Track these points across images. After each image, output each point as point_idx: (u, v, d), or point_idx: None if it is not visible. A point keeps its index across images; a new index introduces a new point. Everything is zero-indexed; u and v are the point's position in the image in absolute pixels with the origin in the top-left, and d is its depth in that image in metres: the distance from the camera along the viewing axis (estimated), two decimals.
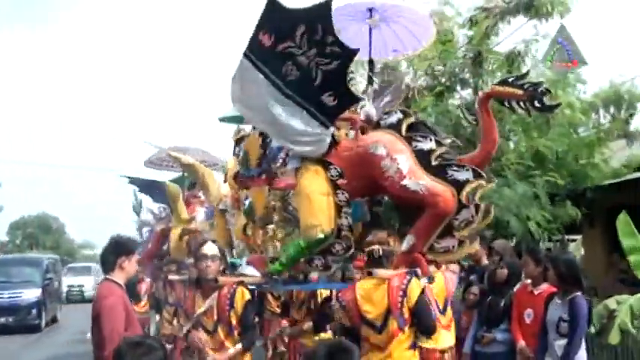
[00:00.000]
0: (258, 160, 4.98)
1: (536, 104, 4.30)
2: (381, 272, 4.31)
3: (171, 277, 8.25)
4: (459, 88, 9.70)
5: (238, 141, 5.77)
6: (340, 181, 4.59)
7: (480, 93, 4.99)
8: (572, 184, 9.24)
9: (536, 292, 5.44)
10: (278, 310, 7.22)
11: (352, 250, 4.68)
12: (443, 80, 9.43)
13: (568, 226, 9.28)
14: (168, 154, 8.16)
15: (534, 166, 8.81)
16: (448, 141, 4.75)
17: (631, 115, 10.00)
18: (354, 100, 4.64)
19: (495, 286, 5.95)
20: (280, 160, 5.00)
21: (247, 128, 7.92)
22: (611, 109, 10.03)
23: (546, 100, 4.29)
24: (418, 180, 4.38)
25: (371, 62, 5.35)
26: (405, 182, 4.37)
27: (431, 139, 4.59)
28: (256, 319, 6.04)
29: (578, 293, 5.02)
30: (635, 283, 7.39)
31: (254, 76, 4.35)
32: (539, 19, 9.00)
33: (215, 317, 4.82)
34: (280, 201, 5.03)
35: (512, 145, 9.32)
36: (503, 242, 6.73)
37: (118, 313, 4.20)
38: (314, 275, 4.90)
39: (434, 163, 4.51)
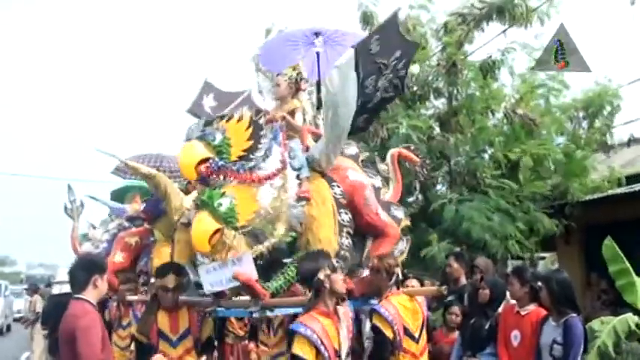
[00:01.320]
0: (245, 152, 4.38)
1: (424, 171, 6.00)
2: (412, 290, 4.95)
3: (131, 297, 7.65)
4: (432, 97, 9.45)
5: (208, 123, 4.90)
6: (343, 200, 4.85)
7: (392, 151, 5.79)
8: (552, 199, 9.13)
9: (523, 313, 5.17)
10: (242, 333, 6.76)
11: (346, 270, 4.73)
12: (415, 89, 9.15)
13: (541, 242, 9.10)
14: (126, 164, 7.57)
15: (509, 176, 8.67)
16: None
17: (608, 126, 9.80)
18: (367, 129, 5.36)
19: (478, 308, 5.65)
20: (278, 162, 4.54)
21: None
22: (586, 120, 9.79)
23: (428, 172, 6.19)
24: (385, 211, 5.14)
25: (319, 85, 5.61)
26: (379, 211, 5.05)
27: (380, 178, 5.41)
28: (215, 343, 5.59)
29: (574, 315, 4.81)
30: (618, 303, 7.27)
31: (350, 72, 4.27)
32: (516, 26, 8.85)
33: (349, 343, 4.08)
34: (288, 209, 4.51)
35: (487, 156, 9.14)
36: (485, 260, 6.51)
37: (94, 333, 3.99)
38: None
39: (382, 199, 5.26)
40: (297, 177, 4.65)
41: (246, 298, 4.50)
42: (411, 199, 9.99)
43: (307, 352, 3.70)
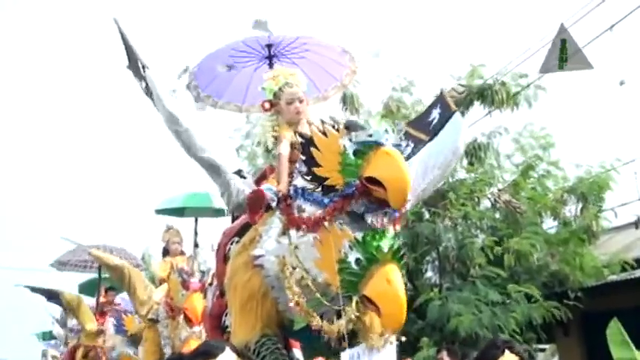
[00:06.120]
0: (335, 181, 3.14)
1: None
2: None
3: None
4: None
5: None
6: None
7: None
8: (551, 286, 9.07)
9: None
10: None
11: None
12: None
13: (539, 334, 8.93)
14: (90, 252, 7.50)
15: (507, 276, 8.61)
16: None
17: (599, 211, 9.79)
18: None
19: None
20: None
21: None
22: (579, 204, 9.79)
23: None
24: None
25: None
26: None
27: None
28: None
29: None
30: None
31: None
32: (501, 109, 9.01)
33: None
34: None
35: (479, 242, 9.11)
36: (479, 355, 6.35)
37: None
38: None
39: None
40: None
41: None
42: None
43: None
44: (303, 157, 3.24)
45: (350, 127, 3.15)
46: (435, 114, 3.96)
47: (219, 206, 7.38)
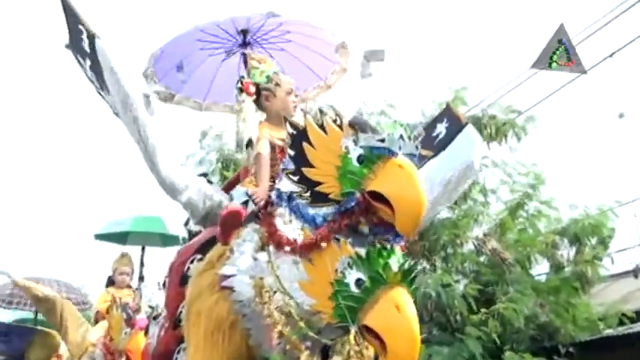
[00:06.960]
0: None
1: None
2: None
3: None
4: None
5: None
6: None
7: None
8: (539, 340, 8.33)
9: None
10: None
11: None
12: None
13: None
14: (15, 283, 6.76)
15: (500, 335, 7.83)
16: None
17: (595, 257, 9.09)
18: None
19: None
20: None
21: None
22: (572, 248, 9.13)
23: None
24: None
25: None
26: None
27: None
28: None
29: None
30: None
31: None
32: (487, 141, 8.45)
33: None
34: None
35: (460, 289, 8.37)
36: None
37: None
38: None
39: None
40: None
41: None
42: None
43: None
44: (292, 152, 2.72)
45: (357, 125, 2.61)
46: (441, 128, 3.66)
47: (173, 233, 6.86)
